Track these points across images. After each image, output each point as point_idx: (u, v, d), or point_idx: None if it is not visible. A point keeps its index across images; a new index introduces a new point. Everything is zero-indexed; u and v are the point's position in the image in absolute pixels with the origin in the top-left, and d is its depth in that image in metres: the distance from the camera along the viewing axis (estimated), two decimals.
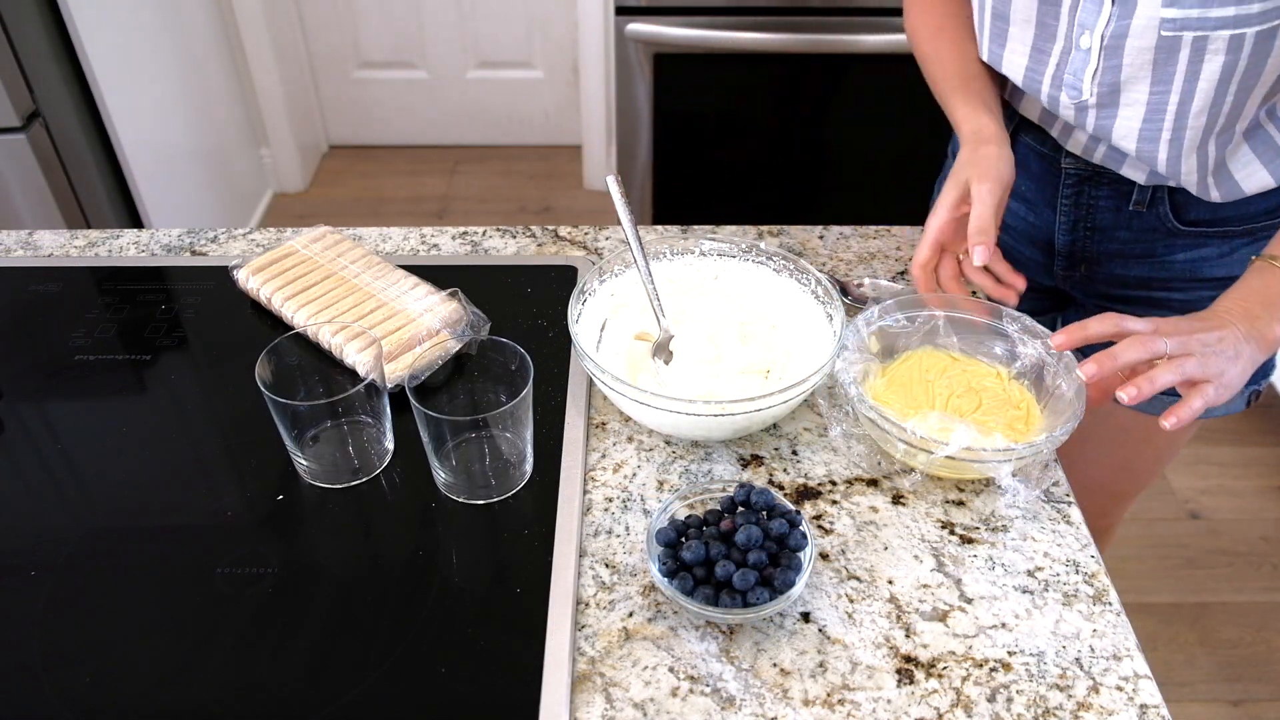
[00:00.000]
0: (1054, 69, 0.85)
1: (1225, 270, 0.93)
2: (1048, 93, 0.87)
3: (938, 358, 0.85)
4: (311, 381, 0.83)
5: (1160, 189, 0.91)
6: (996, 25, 0.87)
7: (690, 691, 0.65)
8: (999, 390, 0.83)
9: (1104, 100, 0.83)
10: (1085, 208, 0.95)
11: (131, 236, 1.09)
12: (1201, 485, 2.04)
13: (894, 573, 0.72)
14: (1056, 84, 0.85)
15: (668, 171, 2.05)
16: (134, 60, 2.06)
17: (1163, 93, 0.80)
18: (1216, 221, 0.91)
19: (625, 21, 1.84)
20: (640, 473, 0.80)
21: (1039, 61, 0.86)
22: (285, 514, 0.76)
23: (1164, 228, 0.93)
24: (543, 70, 2.93)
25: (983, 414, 0.80)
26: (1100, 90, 0.82)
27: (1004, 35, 0.87)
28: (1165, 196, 0.91)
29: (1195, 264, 0.94)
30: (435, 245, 1.07)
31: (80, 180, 1.88)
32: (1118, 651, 0.67)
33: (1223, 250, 0.93)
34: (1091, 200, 0.95)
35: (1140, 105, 0.82)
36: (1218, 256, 0.93)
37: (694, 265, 0.93)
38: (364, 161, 3.05)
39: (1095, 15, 0.78)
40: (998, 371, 0.84)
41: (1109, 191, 0.93)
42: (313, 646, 0.67)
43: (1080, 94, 0.83)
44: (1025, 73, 0.87)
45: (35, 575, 0.71)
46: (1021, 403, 0.82)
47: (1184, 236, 0.93)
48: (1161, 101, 0.80)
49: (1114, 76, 0.81)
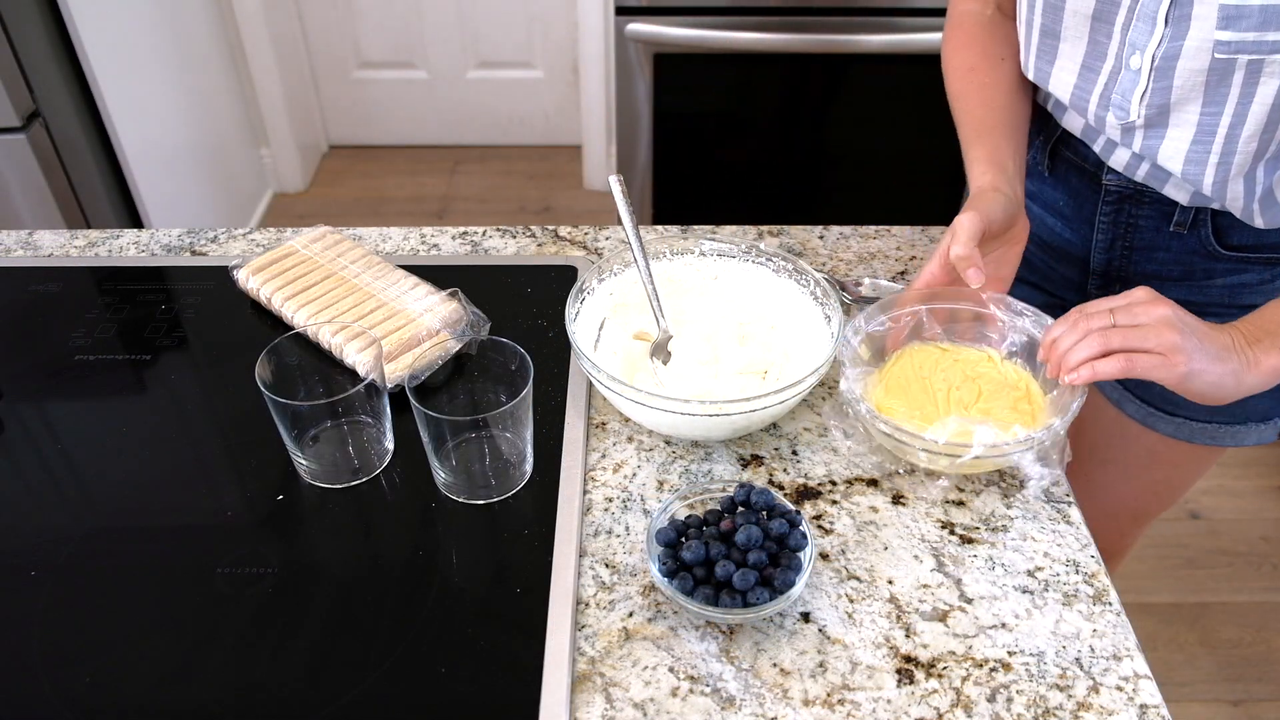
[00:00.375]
0: (1102, 88, 0.83)
1: (1264, 297, 0.88)
2: (1095, 112, 0.85)
3: (928, 352, 0.85)
4: (311, 381, 0.83)
5: (1203, 211, 0.88)
6: (1046, 43, 0.85)
7: (690, 691, 0.65)
8: (994, 374, 0.82)
9: (1152, 121, 0.81)
10: (1124, 226, 0.92)
11: (131, 236, 1.09)
12: (1201, 485, 2.04)
13: (894, 573, 0.72)
14: (1104, 103, 0.83)
15: (668, 171, 2.05)
16: (134, 60, 2.06)
17: (1213, 115, 0.77)
18: (1260, 248, 0.88)
19: (625, 21, 1.84)
20: (640, 473, 0.80)
21: (1087, 80, 0.84)
22: (285, 514, 0.76)
23: (1205, 250, 0.90)
24: (543, 70, 2.93)
25: (985, 402, 0.80)
26: (1149, 112, 0.80)
27: (1053, 52, 0.85)
28: (1208, 219, 0.88)
29: (1234, 290, 0.91)
30: (435, 245, 1.07)
31: (80, 180, 1.88)
32: (1118, 651, 0.67)
33: (1264, 277, 0.90)
34: (1131, 219, 0.92)
35: (1190, 127, 0.79)
36: (1258, 283, 0.90)
37: (694, 265, 0.93)
38: (364, 161, 3.05)
39: (1147, 35, 0.76)
40: (988, 355, 0.84)
41: (1150, 211, 0.90)
42: (313, 646, 0.67)
43: (1128, 114, 0.81)
44: (1073, 91, 0.85)
45: (35, 575, 0.71)
46: (1019, 382, 0.82)
47: (1225, 260, 0.90)
48: (1211, 124, 0.78)
49: (1163, 98, 0.78)
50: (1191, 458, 1.04)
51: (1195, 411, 0.97)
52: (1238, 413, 0.96)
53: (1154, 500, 1.12)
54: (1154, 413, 1.00)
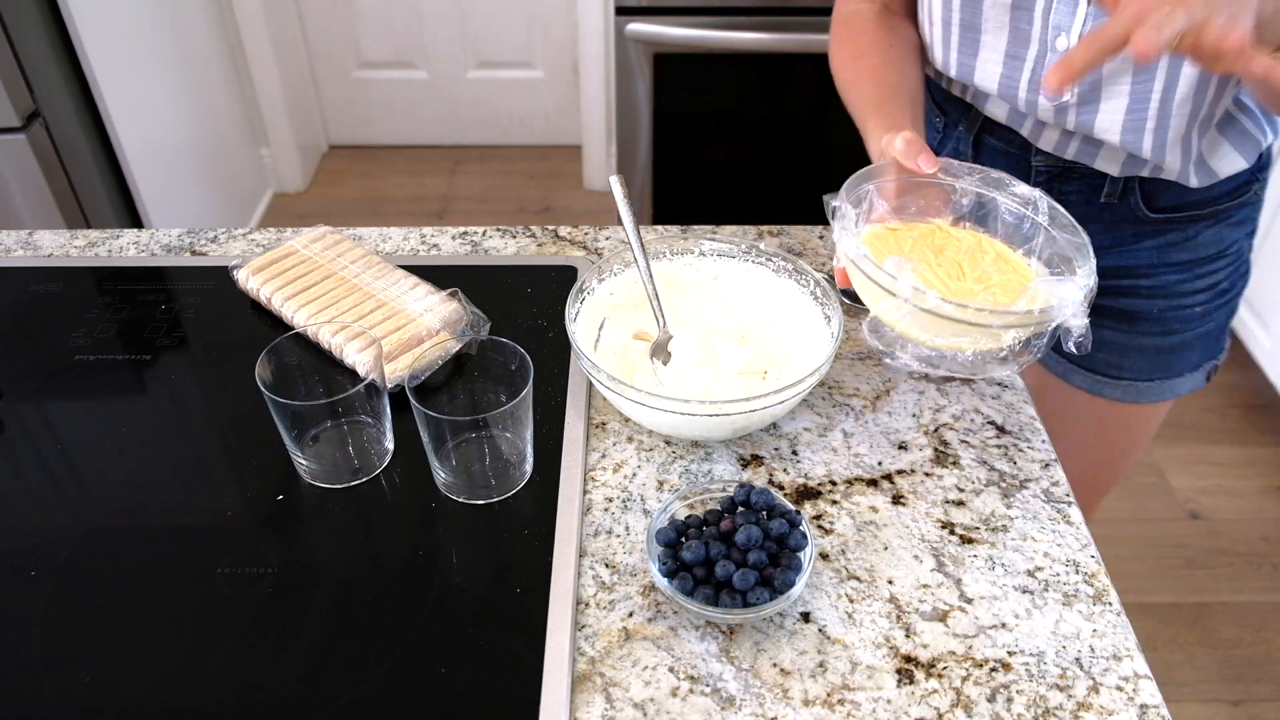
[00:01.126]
0: (1030, 73, 0.84)
1: (1190, 254, 0.95)
2: (1025, 97, 0.86)
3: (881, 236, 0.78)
4: (311, 381, 0.83)
5: (1132, 179, 0.90)
6: (967, 36, 0.87)
7: (690, 691, 0.65)
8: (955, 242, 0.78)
9: (1085, 99, 0.83)
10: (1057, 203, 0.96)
11: (131, 236, 1.09)
12: (1201, 485, 2.04)
13: (894, 573, 0.72)
14: (1034, 88, 0.85)
15: (668, 171, 2.05)
16: (134, 60, 2.06)
17: (1145, 85, 0.79)
18: (1185, 206, 0.92)
19: (625, 21, 1.85)
20: (640, 473, 0.80)
21: (1014, 68, 0.85)
22: (285, 514, 0.76)
23: (1134, 216, 0.93)
24: (543, 70, 2.93)
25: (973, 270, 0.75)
26: (1082, 89, 0.82)
27: (975, 45, 0.87)
28: (1136, 186, 0.91)
29: (1161, 250, 0.95)
30: (435, 245, 1.07)
31: (80, 180, 1.88)
32: (1118, 651, 0.67)
33: (1187, 234, 0.94)
34: (1062, 196, 0.94)
35: (1123, 99, 0.81)
36: (1183, 241, 0.94)
37: (693, 265, 0.93)
38: (364, 161, 3.05)
39: (1070, 16, 0.78)
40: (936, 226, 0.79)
41: (1079, 186, 0.93)
42: (313, 646, 0.67)
43: (1060, 95, 0.82)
44: (1000, 80, 0.87)
45: (35, 575, 0.71)
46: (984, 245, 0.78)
47: (1152, 224, 0.93)
48: (1144, 93, 0.80)
49: (1095, 74, 0.80)
50: (1139, 419, 1.07)
51: (1138, 372, 1.02)
52: (1176, 365, 1.01)
53: (1108, 470, 1.15)
54: (1100, 380, 1.03)
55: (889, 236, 0.77)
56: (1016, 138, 0.94)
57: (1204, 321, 0.99)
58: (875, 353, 0.74)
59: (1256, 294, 2.18)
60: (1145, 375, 1.02)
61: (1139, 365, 1.01)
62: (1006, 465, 0.81)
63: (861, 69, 0.91)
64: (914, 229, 0.78)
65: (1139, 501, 2.02)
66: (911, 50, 0.93)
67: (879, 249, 0.75)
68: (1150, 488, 2.04)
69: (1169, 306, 0.97)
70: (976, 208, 0.79)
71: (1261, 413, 2.20)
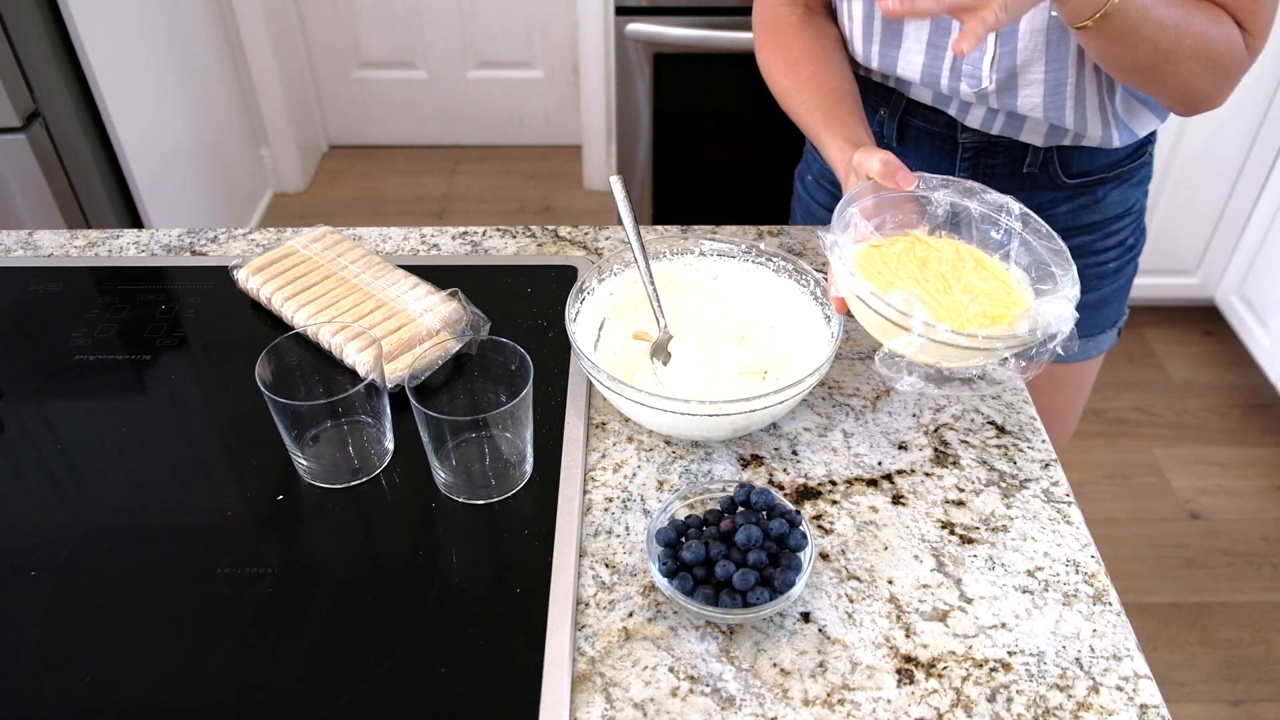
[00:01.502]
0: (950, 61, 0.88)
1: (1099, 214, 1.01)
2: (948, 84, 0.90)
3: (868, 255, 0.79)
4: (311, 381, 0.83)
5: (1051, 149, 0.95)
6: (889, 29, 0.90)
7: (690, 691, 0.65)
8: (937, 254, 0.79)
9: (1004, 85, 0.87)
10: (982, 177, 0.98)
11: (131, 236, 1.09)
12: (1201, 485, 2.04)
13: (894, 573, 0.72)
14: (956, 75, 0.89)
15: (668, 171, 2.05)
16: (134, 60, 2.06)
17: (1060, 69, 0.84)
18: (1094, 171, 0.98)
19: (625, 21, 1.85)
20: (640, 473, 0.80)
21: (935, 57, 0.89)
22: (285, 514, 0.76)
23: (1053, 184, 0.98)
24: (543, 70, 2.93)
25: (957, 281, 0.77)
26: (1000, 75, 0.86)
27: (898, 37, 0.90)
28: (1055, 155, 0.95)
29: (1075, 213, 1.00)
30: (435, 245, 1.07)
31: (80, 180, 1.88)
32: (1118, 651, 0.67)
33: (1096, 196, 1.00)
34: (988, 168, 0.98)
35: (1039, 84, 0.86)
36: (1093, 203, 1.00)
37: (693, 265, 0.93)
38: (364, 161, 3.05)
39: None
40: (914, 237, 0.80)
41: (1004, 158, 0.97)
42: (313, 646, 0.67)
43: (980, 82, 0.87)
44: (923, 70, 0.90)
45: (35, 575, 0.71)
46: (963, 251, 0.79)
47: (1067, 189, 0.98)
48: (1061, 77, 0.85)
49: (1011, 60, 0.84)
50: (1070, 380, 1.14)
51: None
52: (1099, 323, 1.09)
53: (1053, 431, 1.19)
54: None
55: (874, 254, 0.79)
56: (941, 116, 0.97)
57: (1117, 278, 1.07)
58: (884, 378, 0.77)
59: (1256, 294, 2.18)
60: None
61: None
62: (1006, 465, 0.81)
63: (800, 77, 0.94)
64: (895, 243, 0.81)
65: (1139, 501, 2.02)
66: (840, 50, 0.97)
67: (868, 269, 0.77)
68: (1150, 488, 2.04)
69: (1086, 265, 1.03)
70: (950, 216, 0.82)
71: (1261, 413, 2.20)
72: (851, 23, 0.94)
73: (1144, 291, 2.34)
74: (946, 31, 0.87)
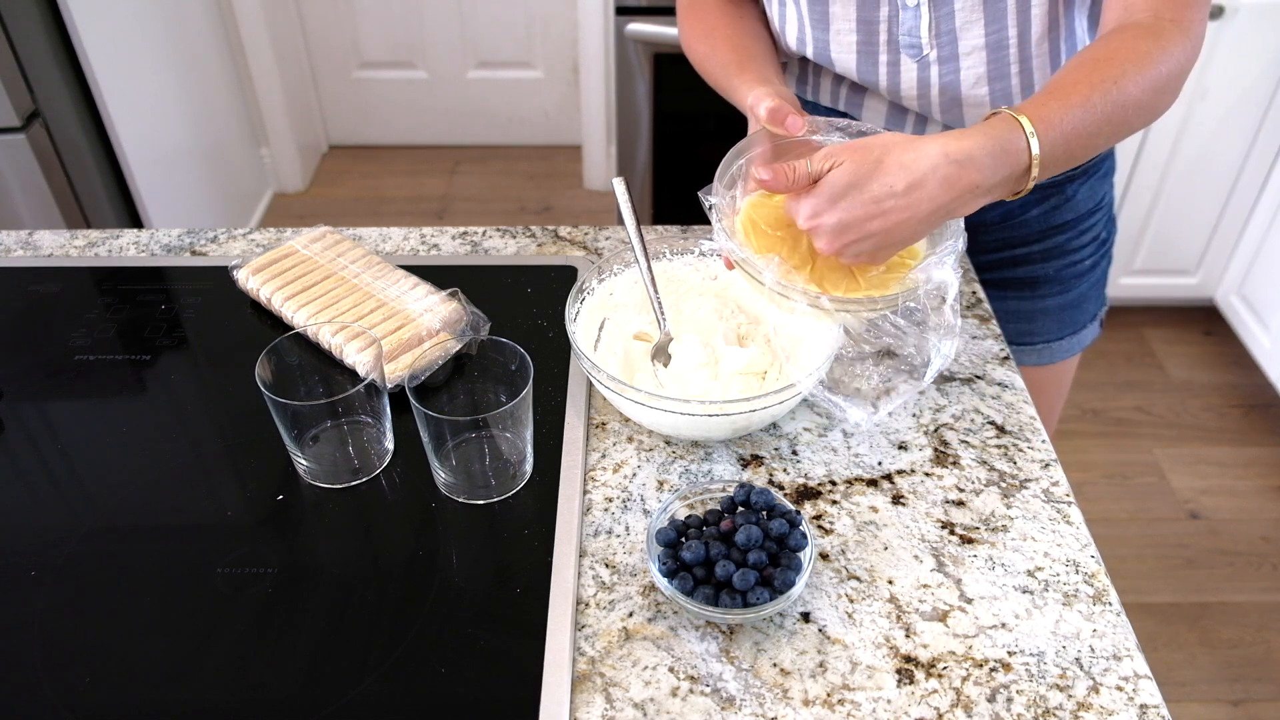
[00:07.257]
0: (887, 34, 0.87)
1: (1071, 213, 1.01)
2: (888, 59, 0.88)
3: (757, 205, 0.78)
4: (311, 381, 0.83)
5: None
6: (815, 10, 0.88)
7: (690, 691, 0.65)
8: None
9: (945, 53, 0.86)
10: None
11: (131, 236, 1.09)
12: (1201, 485, 2.04)
13: (894, 573, 0.72)
14: (894, 48, 0.87)
15: (668, 171, 2.05)
16: (134, 60, 2.06)
17: (1000, 30, 0.83)
18: None
19: (625, 21, 1.85)
20: (640, 473, 0.80)
21: (870, 33, 0.87)
22: (285, 514, 0.76)
23: None
24: (543, 70, 2.93)
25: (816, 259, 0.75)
26: (940, 42, 0.85)
27: (825, 18, 0.88)
28: None
29: (1046, 214, 1.01)
30: (435, 245, 1.07)
31: (80, 180, 1.88)
32: (1118, 651, 0.67)
33: (1066, 195, 1.00)
34: None
35: (982, 50, 0.85)
36: (1064, 202, 1.00)
37: (693, 265, 0.93)
38: (364, 161, 3.05)
39: None
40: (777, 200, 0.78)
41: None
42: (313, 646, 0.67)
43: (921, 49, 0.86)
44: (858, 48, 0.88)
45: (35, 575, 0.71)
46: None
47: (1037, 190, 0.97)
48: (1002, 40, 0.84)
49: (949, 24, 0.84)
50: (1052, 379, 1.15)
51: (1049, 333, 1.10)
52: (1079, 319, 1.10)
53: None
54: (1017, 349, 1.10)
55: (765, 204, 0.78)
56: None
57: (1093, 272, 1.08)
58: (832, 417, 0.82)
59: (1256, 294, 2.18)
60: (1055, 335, 1.10)
61: (1048, 327, 1.09)
62: (1006, 465, 0.81)
63: (716, 41, 0.93)
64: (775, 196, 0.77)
65: (1139, 501, 2.02)
66: (760, 20, 0.96)
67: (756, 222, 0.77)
68: (1150, 488, 2.04)
69: (1063, 265, 1.04)
70: None
71: (1261, 413, 2.20)
72: (783, 7, 0.91)
73: (1144, 291, 2.35)
74: (876, 4, 0.85)
